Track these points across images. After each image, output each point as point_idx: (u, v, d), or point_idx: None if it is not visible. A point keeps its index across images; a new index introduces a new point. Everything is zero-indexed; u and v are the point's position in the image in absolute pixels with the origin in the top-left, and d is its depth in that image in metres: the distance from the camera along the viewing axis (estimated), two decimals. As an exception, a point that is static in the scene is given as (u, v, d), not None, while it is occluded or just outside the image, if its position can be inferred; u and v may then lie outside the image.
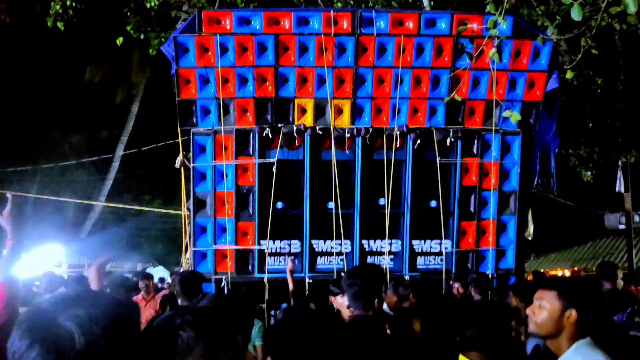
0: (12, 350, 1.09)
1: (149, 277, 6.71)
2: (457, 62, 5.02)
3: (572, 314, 2.22)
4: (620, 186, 12.62)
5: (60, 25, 7.43)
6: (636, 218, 15.17)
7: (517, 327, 3.12)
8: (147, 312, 5.71)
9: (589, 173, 10.16)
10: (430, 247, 5.30)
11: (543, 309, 2.28)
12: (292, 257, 5.11)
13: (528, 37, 5.02)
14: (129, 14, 8.23)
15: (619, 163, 11.91)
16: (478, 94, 5.17)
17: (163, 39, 7.87)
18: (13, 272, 2.21)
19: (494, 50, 4.40)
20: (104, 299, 1.20)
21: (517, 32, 5.00)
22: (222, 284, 5.17)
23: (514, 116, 4.75)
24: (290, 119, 5.17)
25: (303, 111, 5.17)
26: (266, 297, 5.07)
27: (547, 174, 5.76)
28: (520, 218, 5.41)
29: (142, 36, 7.98)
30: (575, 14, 3.97)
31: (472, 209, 5.34)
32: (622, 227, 15.54)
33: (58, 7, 7.41)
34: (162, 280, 12.22)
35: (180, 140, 5.32)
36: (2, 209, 2.24)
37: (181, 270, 6.09)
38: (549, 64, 5.15)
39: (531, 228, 5.61)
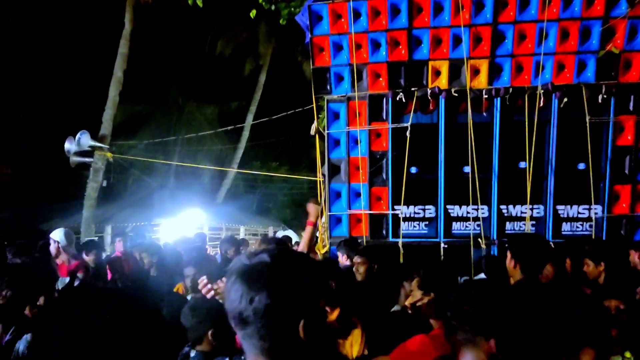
0: (235, 305, 1.23)
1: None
2: (612, 11, 4.54)
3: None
4: None
5: (199, 1, 7.86)
6: None
7: None
8: None
9: None
10: (578, 213, 4.96)
11: None
12: None
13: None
14: (259, -15, 8.47)
15: None
16: (637, 44, 4.65)
17: (292, 9, 8.04)
18: None
19: (659, -7, 3.94)
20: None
21: (686, -29, 4.39)
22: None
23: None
24: (424, 82, 5.06)
25: (437, 73, 5.03)
26: (401, 261, 5.11)
27: None
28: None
29: (272, 7, 8.20)
30: None
31: (626, 171, 4.89)
32: None
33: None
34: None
35: (315, 107, 5.44)
36: None
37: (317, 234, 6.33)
38: None
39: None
